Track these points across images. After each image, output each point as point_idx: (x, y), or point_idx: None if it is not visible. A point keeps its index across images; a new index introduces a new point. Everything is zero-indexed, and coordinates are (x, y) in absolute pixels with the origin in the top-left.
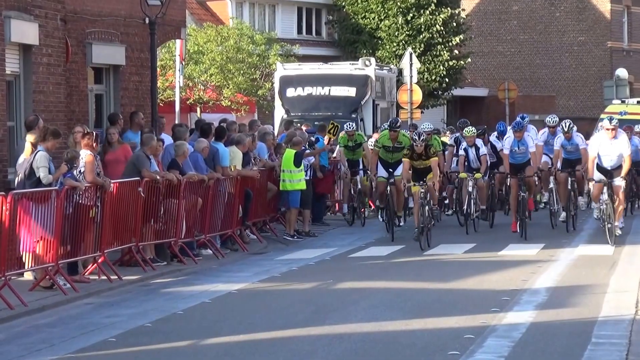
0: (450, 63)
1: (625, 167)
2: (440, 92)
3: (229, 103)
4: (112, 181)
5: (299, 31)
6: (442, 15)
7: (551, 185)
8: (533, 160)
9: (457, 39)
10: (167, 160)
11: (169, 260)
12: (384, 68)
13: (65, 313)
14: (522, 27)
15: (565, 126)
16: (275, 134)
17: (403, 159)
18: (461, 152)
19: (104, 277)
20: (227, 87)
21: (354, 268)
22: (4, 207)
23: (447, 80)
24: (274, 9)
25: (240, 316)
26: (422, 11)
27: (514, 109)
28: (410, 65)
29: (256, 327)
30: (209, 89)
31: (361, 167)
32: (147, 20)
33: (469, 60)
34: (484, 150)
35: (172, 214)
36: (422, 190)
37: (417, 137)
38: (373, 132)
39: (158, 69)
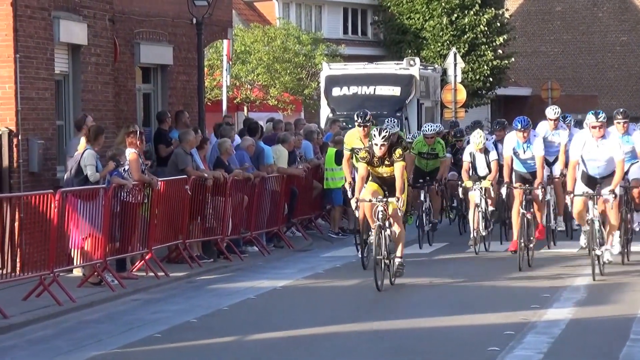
0: (494, 63)
1: (617, 176)
2: (484, 92)
3: (276, 102)
4: (160, 179)
5: (345, 31)
6: (486, 16)
7: (548, 196)
8: (539, 167)
9: (501, 39)
10: (214, 158)
11: (215, 257)
12: (429, 68)
13: (112, 309)
14: (565, 28)
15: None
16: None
17: (358, 164)
18: (465, 156)
19: (151, 274)
20: (274, 87)
21: None
22: (52, 205)
23: (490, 79)
24: (320, 9)
25: (285, 312)
26: (466, 12)
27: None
28: (454, 65)
29: (300, 324)
30: (255, 88)
31: None
32: (194, 21)
33: (513, 60)
34: (494, 154)
35: (219, 212)
36: (381, 210)
37: (376, 134)
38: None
39: (205, 69)
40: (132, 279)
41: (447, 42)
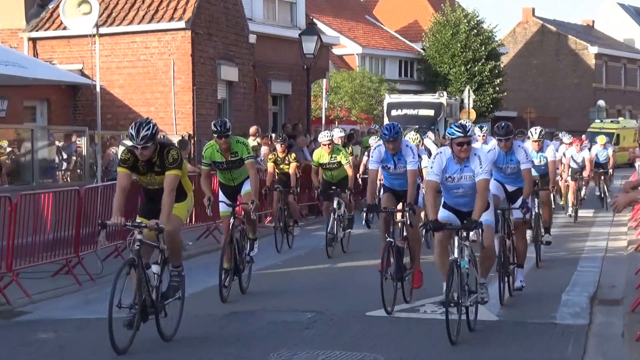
0: (494, 96)
1: (478, 203)
2: (487, 114)
3: (355, 119)
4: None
5: (400, 74)
6: (489, 66)
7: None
8: (410, 185)
9: (498, 80)
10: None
11: (316, 214)
12: (452, 98)
13: None
14: (539, 74)
15: (536, 132)
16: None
17: (119, 171)
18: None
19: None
20: (354, 109)
21: None
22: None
23: (491, 106)
24: (384, 60)
25: (346, 254)
26: (476, 63)
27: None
28: (468, 96)
29: (353, 258)
30: (343, 110)
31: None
32: (305, 67)
33: (505, 93)
34: (425, 161)
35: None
36: (138, 239)
37: (133, 132)
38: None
39: (311, 97)
40: (264, 227)
41: (464, 82)
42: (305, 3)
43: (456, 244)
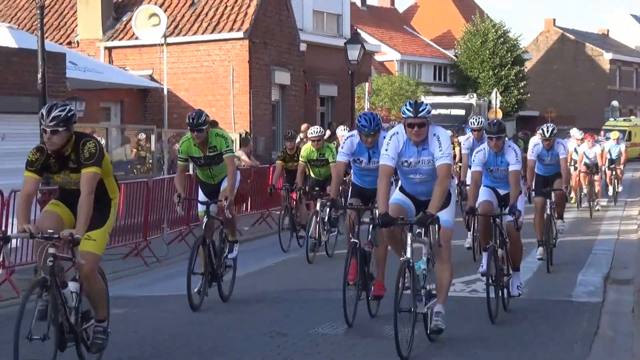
0: (518, 97)
1: (435, 196)
2: (512, 113)
3: (395, 118)
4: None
5: (434, 78)
6: (514, 70)
7: None
8: (379, 185)
9: (522, 83)
10: None
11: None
12: (481, 99)
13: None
14: (559, 78)
15: (547, 131)
16: None
17: (25, 175)
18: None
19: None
20: (394, 109)
21: None
22: (269, 172)
23: (516, 106)
24: (421, 66)
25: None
26: (503, 68)
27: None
28: (495, 98)
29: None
30: (384, 110)
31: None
32: (349, 72)
33: (529, 95)
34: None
35: None
36: (51, 253)
37: (45, 112)
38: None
39: (355, 99)
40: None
41: (492, 85)
42: (350, 15)
43: (409, 241)
